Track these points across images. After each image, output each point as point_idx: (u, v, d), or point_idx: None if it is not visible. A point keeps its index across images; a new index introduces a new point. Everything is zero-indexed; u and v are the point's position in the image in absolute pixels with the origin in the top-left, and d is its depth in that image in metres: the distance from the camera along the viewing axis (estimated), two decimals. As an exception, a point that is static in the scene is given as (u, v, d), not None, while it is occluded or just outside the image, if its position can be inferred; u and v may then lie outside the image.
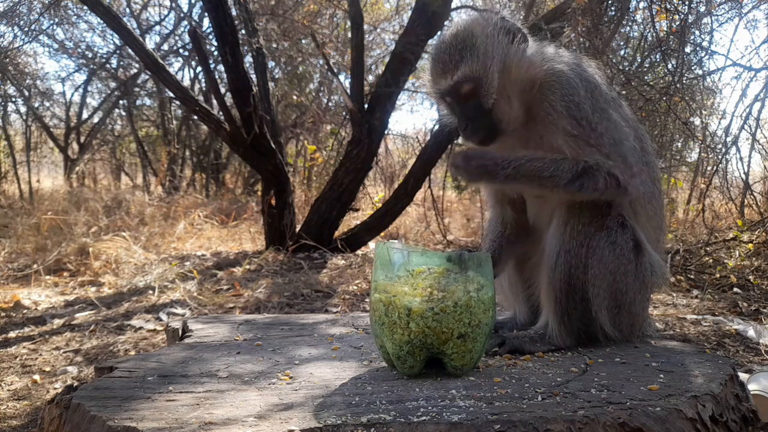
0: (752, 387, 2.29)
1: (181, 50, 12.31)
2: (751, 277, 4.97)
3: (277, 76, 11.05)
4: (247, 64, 7.12)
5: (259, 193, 8.17)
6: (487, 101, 2.04)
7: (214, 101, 9.31)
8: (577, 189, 1.97)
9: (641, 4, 6.06)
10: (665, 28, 5.66)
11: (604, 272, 2.01)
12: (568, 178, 1.96)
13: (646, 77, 5.95)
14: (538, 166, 1.97)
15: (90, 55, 12.11)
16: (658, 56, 5.72)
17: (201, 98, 9.68)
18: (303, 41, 10.15)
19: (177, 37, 12.51)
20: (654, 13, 5.55)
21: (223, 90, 7.69)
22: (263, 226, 7.06)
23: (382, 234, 7.34)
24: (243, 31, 7.18)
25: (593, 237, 2.00)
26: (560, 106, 2.01)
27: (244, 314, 4.07)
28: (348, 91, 6.69)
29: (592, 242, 2.00)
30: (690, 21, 5.52)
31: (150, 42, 12.22)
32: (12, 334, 4.12)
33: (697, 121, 6.79)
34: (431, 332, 1.65)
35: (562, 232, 2.02)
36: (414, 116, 32.84)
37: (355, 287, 5.16)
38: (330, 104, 11.96)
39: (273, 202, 6.60)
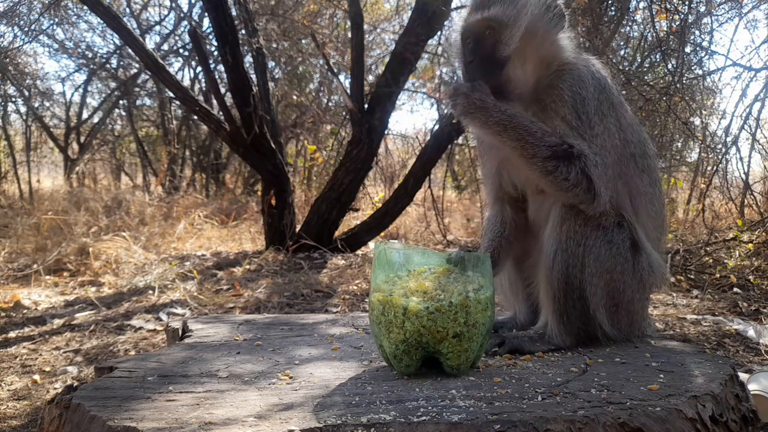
0: (752, 387, 2.29)
1: (181, 50, 12.30)
2: (751, 277, 4.97)
3: (277, 76, 11.04)
4: (247, 64, 7.12)
5: (259, 193, 8.18)
6: (504, 49, 2.05)
7: (214, 101, 9.31)
8: (551, 169, 1.96)
9: (641, 4, 6.07)
10: (665, 28, 5.66)
11: (600, 271, 2.02)
12: (548, 153, 1.95)
13: (646, 77, 5.95)
14: (529, 128, 1.96)
15: (90, 55, 12.11)
16: (658, 56, 5.72)
17: (201, 98, 9.67)
18: (303, 41, 10.15)
19: (177, 37, 12.51)
20: (654, 13, 5.55)
21: (223, 90, 7.68)
22: (263, 226, 7.06)
23: (382, 234, 7.34)
24: (243, 31, 7.18)
25: (589, 236, 2.01)
26: (566, 96, 2.03)
27: (244, 314, 4.07)
28: (348, 91, 6.69)
29: (588, 241, 2.01)
30: (690, 21, 5.52)
31: (150, 42, 12.22)
32: (12, 334, 4.12)
33: (697, 121, 6.79)
34: (426, 331, 1.65)
35: (558, 231, 2.03)
36: (414, 116, 32.84)
37: (355, 287, 5.16)
38: (330, 104, 11.96)
39: (273, 202, 6.60)
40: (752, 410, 1.68)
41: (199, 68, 11.89)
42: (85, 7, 7.69)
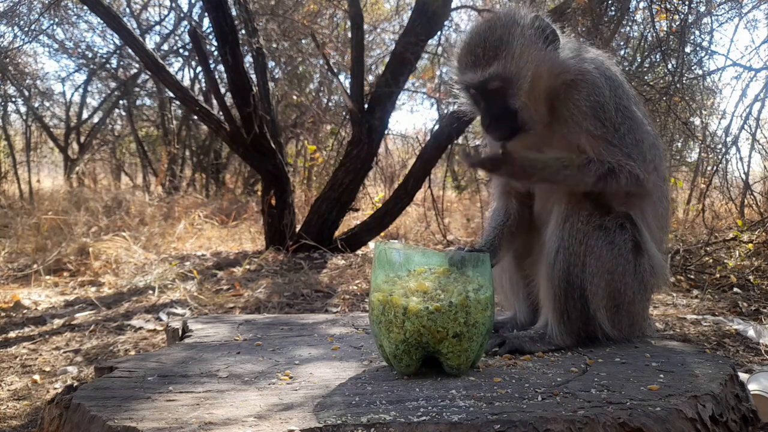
0: (752, 387, 2.29)
1: (181, 50, 12.30)
2: (751, 277, 4.97)
3: (277, 76, 11.04)
4: (247, 64, 7.12)
5: (259, 193, 8.17)
6: (515, 102, 2.06)
7: (214, 101, 9.31)
8: (602, 187, 2.04)
9: (641, 4, 6.07)
10: (665, 28, 5.66)
11: (601, 271, 2.02)
12: (593, 180, 2.02)
13: (646, 77, 5.94)
14: (566, 174, 2.03)
15: (90, 55, 12.11)
16: (658, 56, 5.71)
17: (201, 98, 9.67)
18: (303, 41, 10.14)
19: (177, 37, 12.50)
20: (654, 13, 5.55)
21: (223, 90, 7.68)
22: (263, 226, 7.06)
23: (382, 234, 7.34)
24: (243, 31, 7.17)
25: (591, 236, 2.01)
26: (585, 107, 2.04)
27: (244, 314, 4.07)
28: (348, 91, 6.69)
29: (590, 241, 2.01)
30: (690, 21, 5.52)
31: (150, 42, 12.21)
32: (12, 334, 4.12)
33: (697, 121, 6.79)
34: (426, 331, 1.65)
35: (561, 229, 2.03)
36: (414, 116, 32.87)
37: (355, 287, 5.16)
38: (330, 104, 11.96)
39: (273, 202, 6.60)
40: (752, 410, 1.68)
41: (199, 68, 11.88)
42: (85, 7, 7.69)
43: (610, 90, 2.07)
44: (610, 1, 5.52)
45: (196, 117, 8.57)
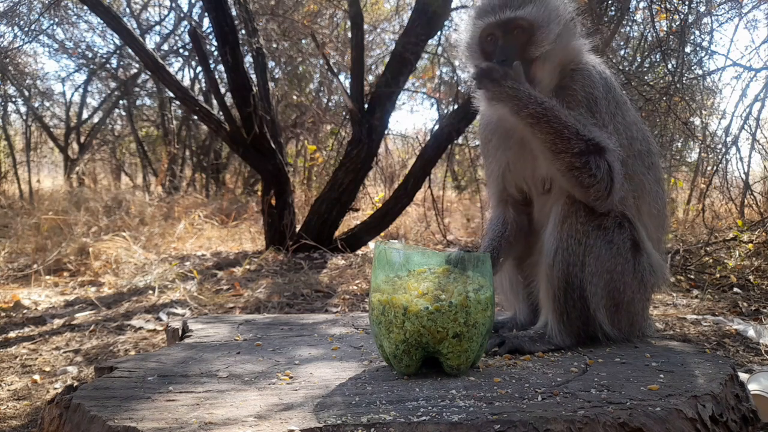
0: (752, 387, 2.29)
1: (181, 50, 12.30)
2: (751, 277, 4.97)
3: (277, 76, 11.04)
4: (247, 64, 7.12)
5: (259, 193, 8.17)
6: (535, 50, 2.05)
7: (214, 101, 9.31)
8: (578, 165, 1.93)
9: (641, 4, 6.06)
10: (665, 28, 5.65)
11: (600, 271, 2.02)
12: (581, 148, 1.92)
13: (646, 77, 5.94)
14: (565, 121, 1.92)
15: (90, 55, 12.10)
16: (658, 56, 5.71)
17: (201, 98, 9.68)
18: (303, 41, 10.14)
19: (177, 37, 12.50)
20: (654, 13, 5.55)
21: (223, 90, 7.68)
22: (263, 226, 7.06)
23: (382, 234, 7.34)
24: (243, 31, 7.17)
25: (590, 235, 2.01)
26: (581, 96, 2.05)
27: (244, 314, 4.07)
28: (348, 91, 6.69)
29: (589, 240, 2.01)
30: (690, 21, 5.52)
31: (150, 42, 12.21)
32: (12, 334, 4.12)
33: (697, 121, 6.79)
34: (426, 331, 1.65)
35: (559, 230, 2.03)
36: (414, 116, 32.91)
37: (355, 287, 5.16)
38: (330, 104, 11.96)
39: (273, 202, 6.60)
40: (752, 410, 1.68)
41: (199, 68, 11.88)
42: (85, 7, 7.69)
43: (603, 88, 2.09)
44: (610, 1, 5.52)
45: (196, 117, 8.57)
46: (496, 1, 2.07)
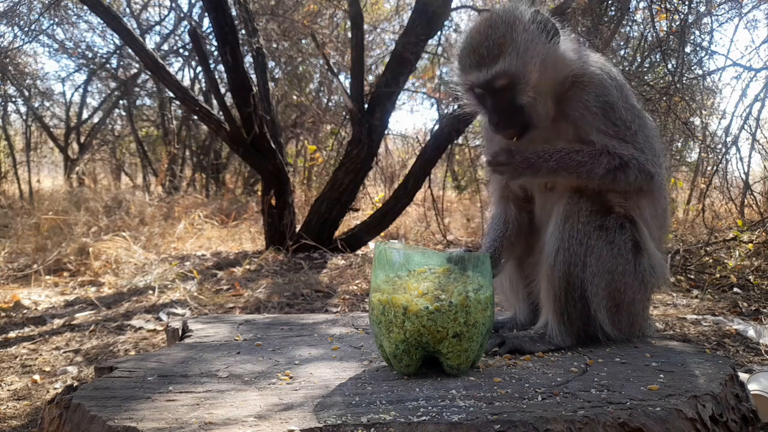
0: (752, 387, 2.29)
1: (181, 50, 12.30)
2: (751, 277, 4.97)
3: (277, 76, 11.04)
4: (247, 64, 7.12)
5: (259, 193, 8.17)
6: (523, 98, 2.05)
7: (214, 101, 9.31)
8: (610, 181, 2.02)
9: (641, 4, 6.07)
10: (665, 28, 5.65)
11: (602, 271, 2.02)
12: (603, 171, 2.00)
13: (646, 77, 5.94)
14: (578, 160, 2.00)
15: (90, 55, 12.10)
16: (658, 56, 5.71)
17: (201, 98, 9.67)
18: (303, 41, 10.14)
19: (177, 37, 12.50)
20: (654, 13, 5.55)
21: (223, 90, 7.68)
22: (263, 226, 7.06)
23: (382, 234, 7.34)
24: (243, 31, 7.18)
25: (592, 236, 2.01)
26: (596, 108, 2.04)
27: (244, 314, 4.07)
28: (348, 91, 6.69)
29: (590, 241, 2.01)
30: (690, 21, 5.52)
31: (150, 42, 12.21)
32: (12, 334, 4.12)
33: (697, 121, 6.78)
34: (426, 331, 1.65)
35: (561, 230, 2.03)
36: (414, 116, 32.93)
37: (355, 287, 5.16)
38: (330, 104, 11.96)
39: (273, 202, 6.60)
40: (752, 410, 1.68)
41: (199, 68, 11.88)
42: (85, 7, 7.69)
43: (617, 90, 2.08)
44: (610, 1, 5.52)
45: (196, 117, 8.57)
46: (474, 59, 2.05)
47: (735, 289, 4.79)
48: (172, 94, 9.27)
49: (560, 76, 2.08)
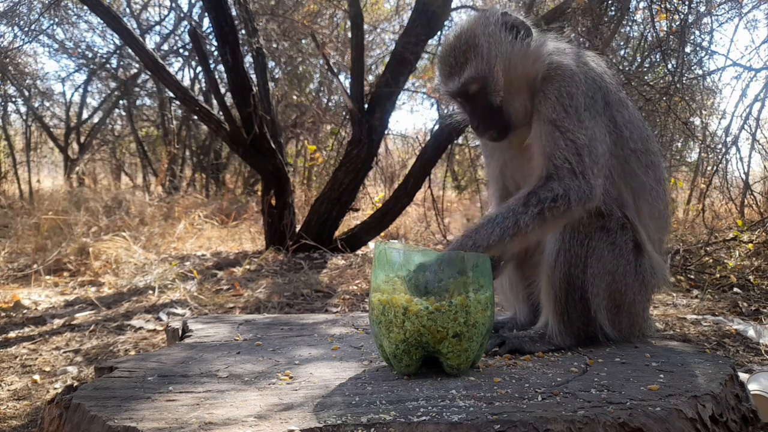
0: (752, 387, 2.29)
1: (181, 50, 12.30)
2: (751, 277, 4.97)
3: (277, 76, 11.04)
4: (247, 64, 7.12)
5: (259, 193, 8.17)
6: (495, 99, 2.07)
7: (214, 101, 9.31)
8: (547, 219, 1.93)
9: (641, 4, 6.06)
10: (665, 28, 5.65)
11: (602, 272, 2.02)
12: (538, 210, 1.91)
13: (646, 77, 5.94)
14: (516, 219, 1.91)
15: (90, 55, 12.10)
16: (658, 56, 5.71)
17: (201, 98, 9.67)
18: (303, 41, 10.14)
19: (177, 37, 12.51)
20: (654, 13, 5.55)
21: (223, 90, 7.68)
22: (263, 226, 7.06)
23: (382, 234, 7.34)
24: (243, 31, 7.17)
25: (592, 237, 2.01)
26: (553, 96, 2.02)
27: (244, 314, 4.07)
28: (348, 91, 6.69)
29: (591, 242, 2.01)
30: (690, 21, 5.52)
31: (150, 42, 12.21)
32: (12, 334, 4.12)
33: (697, 121, 6.78)
34: (426, 331, 1.65)
35: (561, 231, 2.03)
36: (414, 116, 32.95)
37: (355, 287, 5.16)
38: (330, 104, 11.96)
39: (273, 202, 6.60)
40: (752, 410, 1.68)
41: (199, 68, 11.89)
42: (85, 7, 7.69)
43: (586, 87, 2.04)
44: (610, 1, 5.52)
45: (196, 117, 8.58)
46: (446, 70, 2.11)
47: (735, 289, 4.79)
48: (172, 94, 9.27)
49: (531, 72, 2.08)
